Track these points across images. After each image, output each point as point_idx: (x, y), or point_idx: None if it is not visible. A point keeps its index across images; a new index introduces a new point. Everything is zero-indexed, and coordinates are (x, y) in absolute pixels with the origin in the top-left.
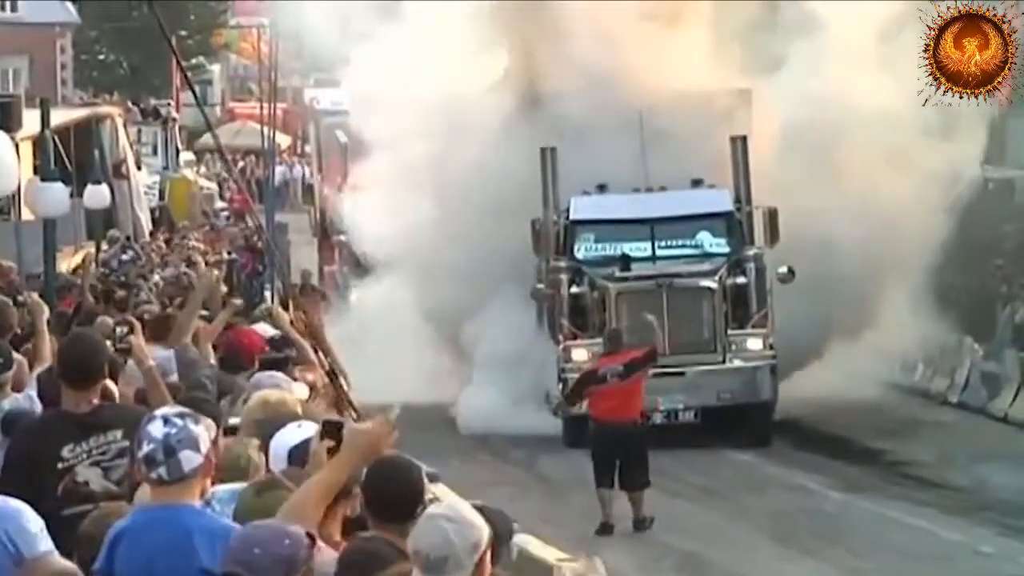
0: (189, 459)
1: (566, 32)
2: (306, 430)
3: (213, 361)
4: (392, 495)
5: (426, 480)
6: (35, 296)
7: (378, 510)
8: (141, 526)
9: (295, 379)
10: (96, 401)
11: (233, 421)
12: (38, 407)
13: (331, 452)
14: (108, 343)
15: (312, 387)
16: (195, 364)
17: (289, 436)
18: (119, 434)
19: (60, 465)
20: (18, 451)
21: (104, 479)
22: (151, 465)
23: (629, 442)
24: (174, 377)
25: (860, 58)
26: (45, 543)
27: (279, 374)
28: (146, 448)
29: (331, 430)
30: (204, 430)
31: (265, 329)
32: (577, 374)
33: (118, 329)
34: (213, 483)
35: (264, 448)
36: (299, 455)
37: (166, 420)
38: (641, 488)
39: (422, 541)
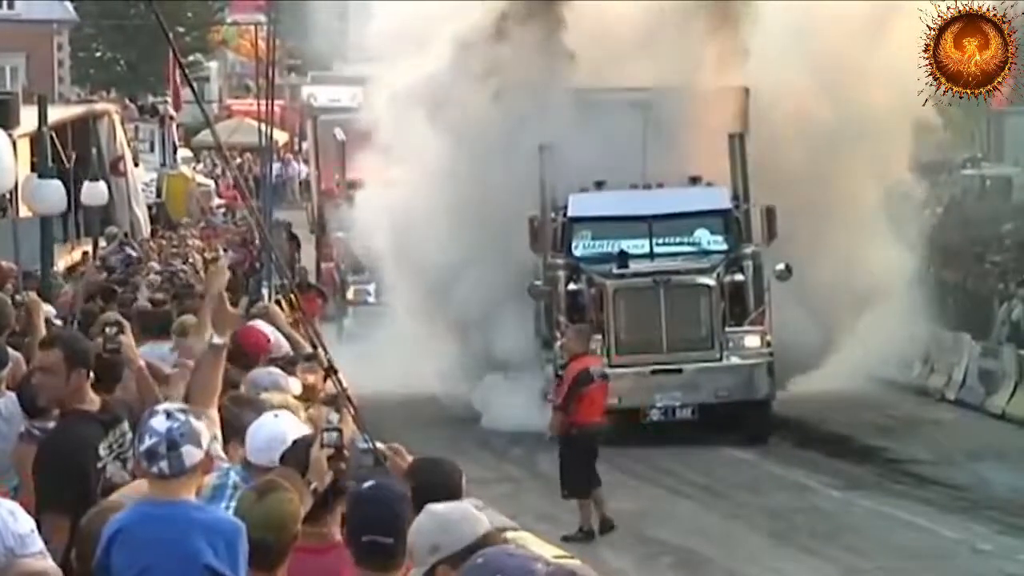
0: (191, 454)
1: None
2: (283, 421)
3: None
4: (432, 488)
5: (464, 483)
6: (32, 294)
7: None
8: (140, 521)
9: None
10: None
11: None
12: None
13: (331, 460)
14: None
15: (311, 387)
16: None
17: (269, 427)
18: (127, 425)
19: (99, 464)
20: (64, 461)
21: (123, 471)
22: (153, 459)
23: (597, 441)
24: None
25: None
26: (36, 544)
27: (276, 370)
28: (148, 442)
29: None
30: (205, 426)
31: (263, 327)
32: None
33: (107, 329)
34: None
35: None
36: (295, 458)
37: (168, 414)
38: (600, 485)
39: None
